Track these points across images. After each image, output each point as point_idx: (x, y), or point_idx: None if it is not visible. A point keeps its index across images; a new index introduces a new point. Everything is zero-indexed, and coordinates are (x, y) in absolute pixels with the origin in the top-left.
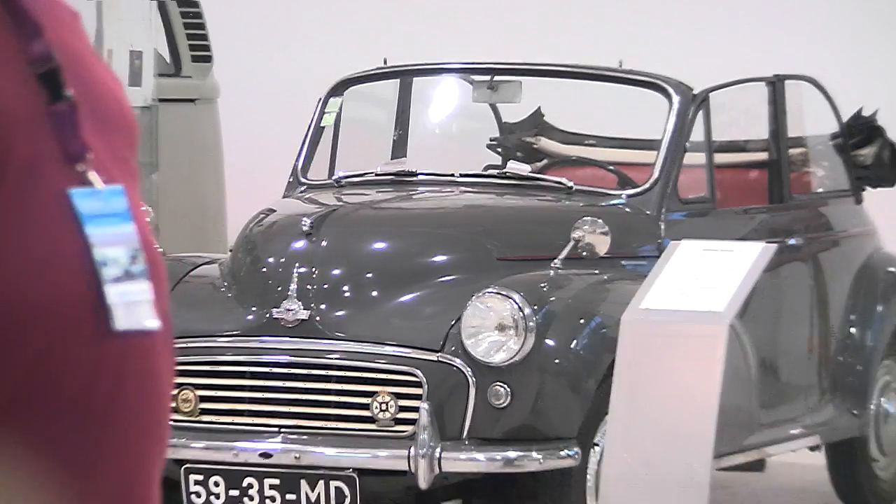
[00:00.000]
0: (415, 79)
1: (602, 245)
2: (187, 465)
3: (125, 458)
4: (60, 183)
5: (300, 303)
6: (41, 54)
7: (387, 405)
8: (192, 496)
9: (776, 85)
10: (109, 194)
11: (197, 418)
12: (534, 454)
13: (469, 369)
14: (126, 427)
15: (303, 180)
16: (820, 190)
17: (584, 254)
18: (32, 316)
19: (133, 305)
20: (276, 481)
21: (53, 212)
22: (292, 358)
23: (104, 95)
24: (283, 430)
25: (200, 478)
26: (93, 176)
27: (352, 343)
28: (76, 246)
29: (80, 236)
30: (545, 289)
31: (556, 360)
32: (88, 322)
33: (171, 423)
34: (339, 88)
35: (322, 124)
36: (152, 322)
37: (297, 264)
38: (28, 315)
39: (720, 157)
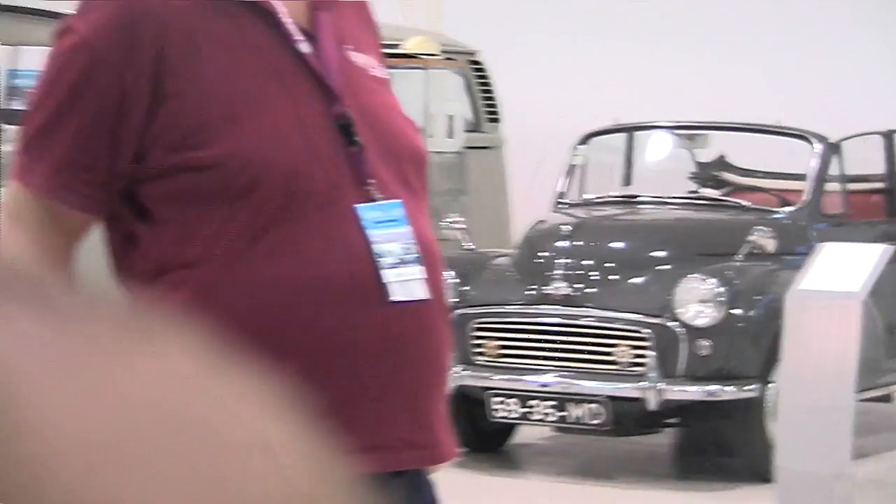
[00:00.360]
0: (636, 132)
1: (770, 246)
2: (490, 391)
3: (413, 382)
4: (353, 200)
5: (564, 283)
6: (339, 114)
7: (625, 353)
8: (493, 411)
9: (889, 136)
10: (389, 206)
11: (497, 360)
12: (728, 388)
13: (681, 330)
14: (411, 362)
15: (562, 201)
16: None
17: (758, 252)
18: (334, 290)
19: (406, 283)
20: (552, 402)
21: (347, 220)
22: (560, 320)
23: (396, 137)
24: (555, 369)
25: (500, 399)
26: (377, 194)
27: (600, 311)
28: (363, 243)
29: (365, 236)
30: (732, 275)
31: (741, 324)
32: (374, 294)
33: (482, 362)
34: (585, 139)
35: (574, 163)
36: (423, 294)
37: (561, 256)
38: (330, 290)
39: (850, 186)
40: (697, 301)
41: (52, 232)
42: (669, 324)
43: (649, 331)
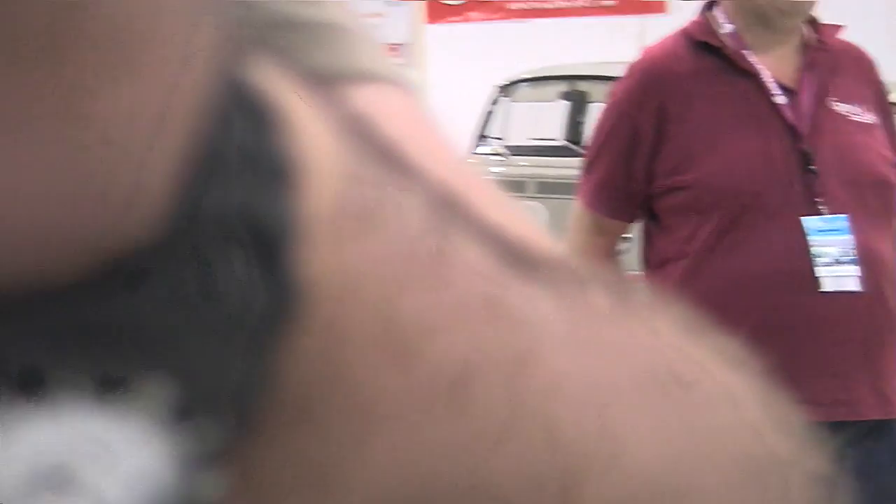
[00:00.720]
0: None
1: None
2: None
3: (837, 353)
4: (801, 214)
5: None
6: (801, 148)
7: None
8: None
9: None
10: (834, 219)
11: None
12: None
13: None
14: (834, 339)
15: None
16: None
17: None
18: (774, 279)
19: (839, 278)
20: None
21: (793, 228)
22: None
23: (861, 167)
24: None
25: None
26: (824, 209)
27: None
28: (803, 245)
29: (806, 241)
30: None
31: None
32: (807, 285)
33: None
34: None
35: None
36: (854, 287)
37: None
38: (772, 279)
39: None
40: None
41: (596, 233)
42: None
43: None
